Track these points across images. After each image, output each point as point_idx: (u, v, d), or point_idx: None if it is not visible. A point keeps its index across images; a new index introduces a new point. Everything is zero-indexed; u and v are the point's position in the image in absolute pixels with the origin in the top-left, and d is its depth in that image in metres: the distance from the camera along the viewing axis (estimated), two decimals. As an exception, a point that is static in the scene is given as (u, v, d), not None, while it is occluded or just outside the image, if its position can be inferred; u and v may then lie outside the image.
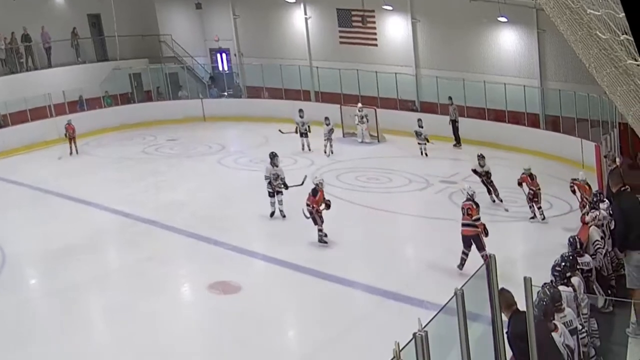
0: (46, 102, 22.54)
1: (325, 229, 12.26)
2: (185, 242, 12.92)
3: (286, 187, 13.69)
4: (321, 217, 12.20)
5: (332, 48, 25.26)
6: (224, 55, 28.65)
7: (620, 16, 4.18)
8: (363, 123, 21.32)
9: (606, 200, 10.11)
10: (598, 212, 9.34)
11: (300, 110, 20.36)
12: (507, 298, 5.58)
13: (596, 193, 10.57)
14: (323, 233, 12.19)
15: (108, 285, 11.11)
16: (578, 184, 12.40)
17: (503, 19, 20.51)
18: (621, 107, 6.84)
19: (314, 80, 25.39)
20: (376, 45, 24.19)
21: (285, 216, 13.73)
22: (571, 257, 7.53)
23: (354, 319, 9.61)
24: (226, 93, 27.58)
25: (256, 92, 26.98)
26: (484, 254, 10.20)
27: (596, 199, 10.07)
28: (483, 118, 20.93)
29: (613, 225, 8.91)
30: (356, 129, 21.54)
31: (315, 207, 12.12)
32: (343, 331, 9.15)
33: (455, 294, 4.55)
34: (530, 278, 5.20)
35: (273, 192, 13.78)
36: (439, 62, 22.53)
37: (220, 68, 28.86)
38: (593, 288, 8.20)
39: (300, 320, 10.15)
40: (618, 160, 12.83)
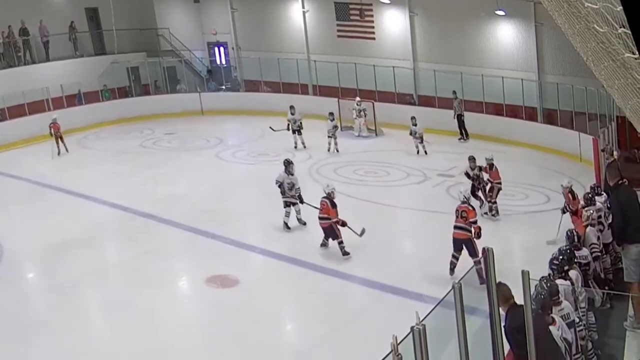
0: (44, 96, 22.53)
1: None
2: (183, 236, 12.92)
3: (301, 202, 12.73)
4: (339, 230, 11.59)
5: (330, 41, 25.22)
6: (222, 48, 28.56)
7: (617, 9, 4.18)
8: (361, 117, 21.27)
9: (604, 193, 10.13)
10: (592, 211, 9.13)
11: (291, 107, 19.56)
12: (505, 292, 5.56)
13: (593, 186, 10.53)
14: (344, 244, 11.40)
15: (106, 279, 11.13)
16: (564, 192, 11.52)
17: (501, 13, 20.50)
18: (619, 101, 6.84)
19: (312, 73, 25.31)
20: (374, 38, 24.16)
21: (305, 223, 12.85)
22: (569, 251, 7.54)
23: (352, 313, 9.63)
24: (224, 87, 27.52)
25: (254, 86, 26.95)
26: (477, 260, 9.15)
27: (593, 193, 10.05)
28: (481, 111, 20.88)
29: (611, 218, 8.92)
30: (354, 123, 21.51)
31: (338, 220, 11.40)
32: (341, 325, 9.16)
33: (453, 288, 4.56)
34: (527, 271, 5.20)
35: (289, 203, 12.81)
36: (437, 56, 22.48)
37: (218, 62, 28.79)
38: (589, 282, 8.19)
39: (298, 313, 10.16)
40: (616, 153, 12.82)
